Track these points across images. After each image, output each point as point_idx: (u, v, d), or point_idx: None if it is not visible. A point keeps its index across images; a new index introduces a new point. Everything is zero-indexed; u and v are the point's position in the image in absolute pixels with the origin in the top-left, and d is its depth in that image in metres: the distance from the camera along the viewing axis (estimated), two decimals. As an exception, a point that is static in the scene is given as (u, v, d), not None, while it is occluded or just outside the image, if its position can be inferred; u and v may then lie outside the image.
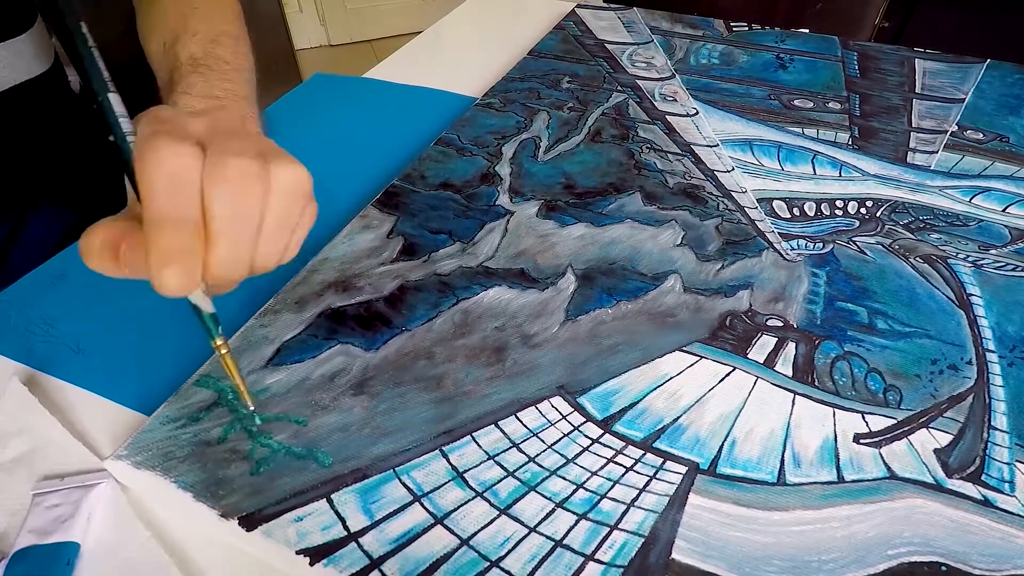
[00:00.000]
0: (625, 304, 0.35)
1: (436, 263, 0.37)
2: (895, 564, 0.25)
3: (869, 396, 0.30)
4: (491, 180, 0.44)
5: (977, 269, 0.37)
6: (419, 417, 0.30)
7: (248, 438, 0.29)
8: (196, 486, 0.27)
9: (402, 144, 0.49)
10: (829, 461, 0.28)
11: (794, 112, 0.50)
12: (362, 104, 0.55)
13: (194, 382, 0.31)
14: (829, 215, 0.41)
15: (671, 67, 0.56)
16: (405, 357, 0.32)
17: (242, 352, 0.32)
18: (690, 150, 0.46)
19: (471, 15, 0.69)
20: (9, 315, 0.36)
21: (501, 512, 0.26)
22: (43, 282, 0.38)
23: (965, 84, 0.52)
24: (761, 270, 0.37)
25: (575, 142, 0.47)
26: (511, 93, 0.53)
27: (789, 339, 0.33)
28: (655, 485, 0.27)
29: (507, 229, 0.40)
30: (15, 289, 0.38)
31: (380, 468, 0.28)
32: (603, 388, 0.31)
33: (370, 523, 0.26)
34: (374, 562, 0.24)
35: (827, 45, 0.58)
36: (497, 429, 0.29)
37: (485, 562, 0.25)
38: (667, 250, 0.38)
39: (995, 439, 0.29)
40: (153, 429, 0.29)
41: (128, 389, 0.32)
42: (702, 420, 0.30)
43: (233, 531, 0.26)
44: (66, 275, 0.39)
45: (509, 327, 0.34)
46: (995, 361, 0.32)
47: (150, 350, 0.34)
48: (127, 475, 0.28)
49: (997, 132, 0.47)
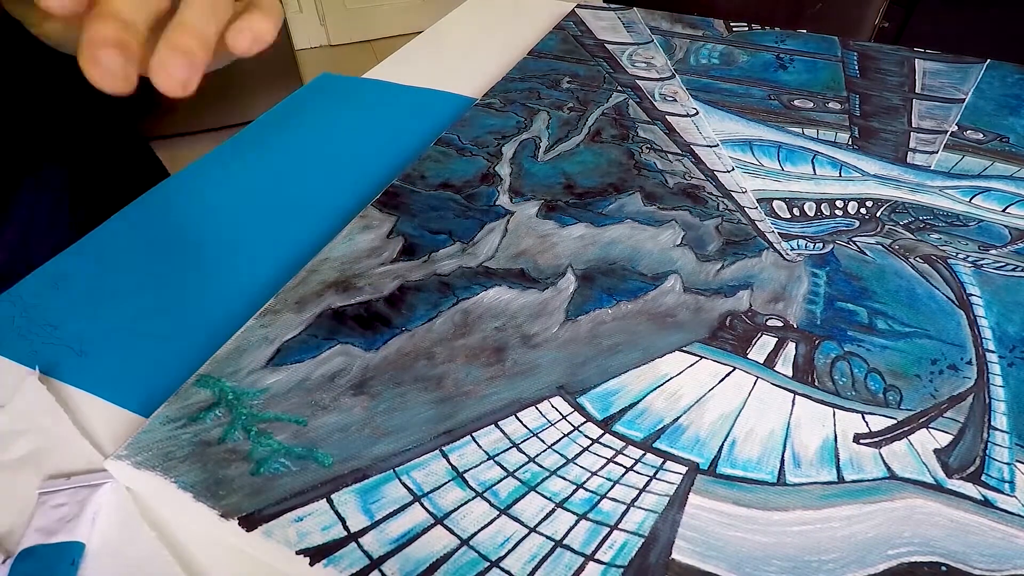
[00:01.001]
0: (625, 304, 0.35)
1: (436, 263, 0.37)
2: (895, 564, 0.25)
3: (869, 396, 0.31)
4: (491, 180, 0.44)
5: (977, 269, 0.37)
6: (419, 417, 0.30)
7: (248, 438, 0.29)
8: (196, 486, 0.27)
9: (402, 144, 0.49)
10: (829, 461, 0.28)
11: (794, 112, 0.50)
12: (363, 104, 0.55)
13: (194, 382, 0.31)
14: (829, 215, 0.41)
15: (671, 67, 0.56)
16: (405, 357, 0.32)
17: (242, 352, 0.32)
18: (690, 150, 0.47)
19: (471, 15, 0.69)
20: (12, 317, 0.36)
21: (501, 512, 0.26)
22: (45, 283, 0.38)
23: (965, 84, 0.52)
24: (761, 270, 0.37)
25: (575, 142, 0.47)
26: (511, 93, 0.53)
27: (789, 339, 0.33)
28: (655, 485, 0.27)
29: (507, 229, 0.40)
30: (17, 290, 0.38)
31: (380, 468, 0.28)
32: (603, 388, 0.31)
33: (370, 523, 0.26)
34: (374, 562, 0.25)
35: (827, 45, 0.58)
36: (497, 429, 0.29)
37: (485, 562, 0.25)
38: (667, 250, 0.38)
39: (995, 439, 0.29)
40: (153, 429, 0.29)
41: (130, 391, 0.32)
42: (702, 420, 0.30)
43: (233, 531, 0.26)
44: (68, 276, 0.39)
45: (509, 327, 0.34)
46: (995, 361, 0.32)
47: (152, 352, 0.34)
48: (127, 475, 0.28)
49: (997, 132, 0.47)
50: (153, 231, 0.42)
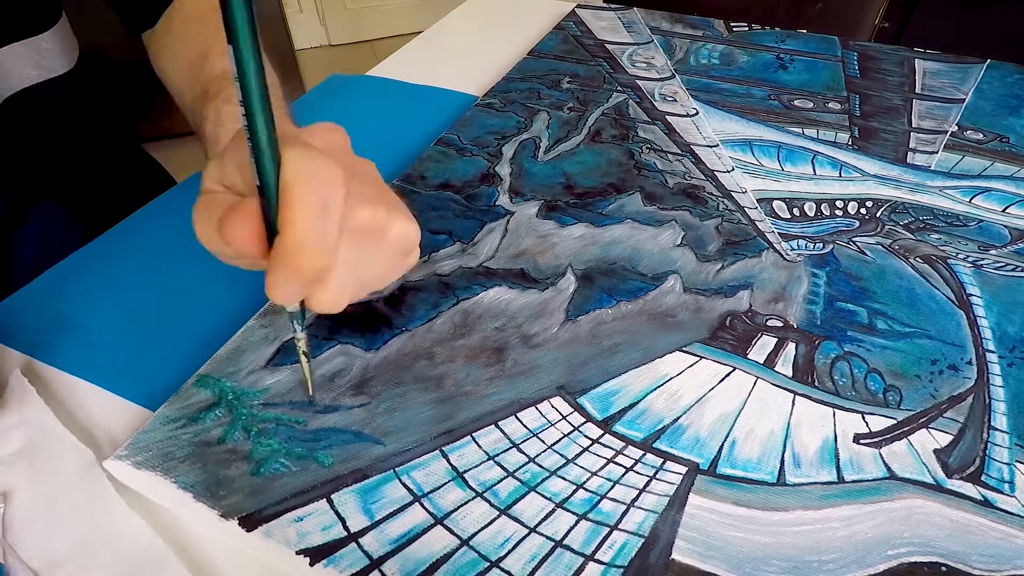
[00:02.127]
0: (625, 304, 0.35)
1: (436, 263, 0.37)
2: (895, 564, 0.25)
3: (869, 396, 0.31)
4: (491, 180, 0.44)
5: (977, 269, 0.37)
6: (419, 417, 0.30)
7: (248, 438, 0.29)
8: (196, 486, 0.27)
9: (402, 144, 0.49)
10: (829, 461, 0.28)
11: (794, 112, 0.50)
12: (365, 104, 0.55)
13: (194, 382, 0.31)
14: (829, 215, 0.41)
15: (671, 67, 0.56)
16: (405, 357, 0.32)
17: (242, 352, 0.32)
18: (690, 150, 0.47)
19: (471, 15, 0.69)
20: (26, 311, 0.37)
21: (501, 512, 0.26)
22: (56, 280, 0.39)
23: (965, 84, 0.52)
24: (761, 270, 0.37)
25: (575, 142, 0.47)
26: (511, 93, 0.53)
27: (789, 339, 0.33)
28: (655, 485, 0.27)
29: (507, 229, 0.40)
30: (31, 287, 0.39)
31: (380, 468, 0.28)
32: (603, 388, 0.31)
33: (370, 523, 0.26)
34: (374, 562, 0.25)
35: (827, 45, 0.58)
36: (497, 429, 0.29)
37: (485, 562, 0.25)
38: (667, 250, 0.38)
39: (995, 439, 0.29)
40: (153, 429, 0.29)
41: (134, 384, 0.33)
42: (702, 420, 0.30)
43: (233, 532, 0.26)
44: (78, 274, 0.39)
45: (509, 327, 0.34)
46: (995, 361, 0.32)
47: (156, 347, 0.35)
48: (128, 475, 0.28)
49: (997, 132, 0.47)
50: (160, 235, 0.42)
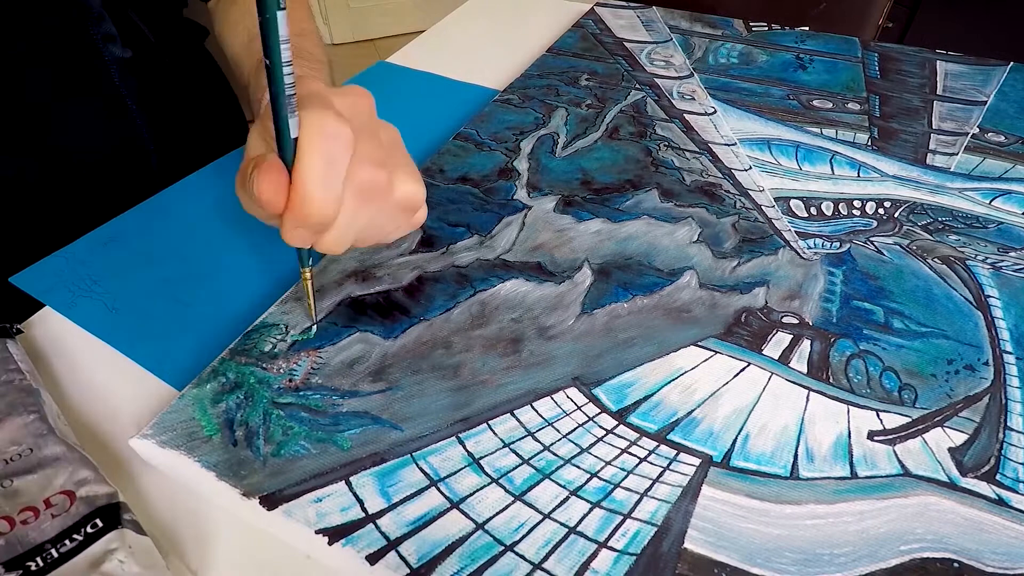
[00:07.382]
0: (641, 299, 0.35)
1: (454, 255, 0.38)
2: (907, 560, 0.25)
3: (884, 394, 0.31)
4: (509, 175, 0.44)
5: (996, 271, 0.37)
6: (436, 404, 0.30)
7: (270, 421, 0.29)
8: (219, 466, 0.28)
9: (422, 137, 0.50)
10: (843, 457, 0.28)
11: (813, 112, 0.50)
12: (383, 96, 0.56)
13: (216, 365, 0.32)
14: (847, 215, 0.41)
15: (690, 66, 0.56)
16: (423, 346, 0.33)
17: (264, 337, 0.33)
18: (708, 148, 0.47)
19: (485, 12, 0.70)
20: (63, 270, 0.39)
21: (516, 498, 0.27)
22: (97, 242, 0.41)
23: (987, 86, 0.52)
24: (777, 268, 0.37)
25: (593, 139, 0.48)
26: (530, 89, 0.53)
27: (804, 336, 0.33)
28: (668, 476, 0.27)
29: (524, 223, 0.40)
30: (72, 247, 0.40)
31: (397, 453, 0.28)
32: (618, 380, 0.31)
33: (387, 505, 0.26)
34: (391, 543, 0.25)
35: (847, 46, 0.58)
36: (513, 418, 0.30)
37: (500, 546, 0.25)
38: (683, 247, 0.39)
39: (1011, 439, 0.29)
40: (177, 410, 0.30)
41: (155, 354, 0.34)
42: (716, 414, 0.30)
43: (255, 510, 0.26)
44: (118, 238, 0.41)
45: (526, 319, 0.34)
46: (1012, 363, 0.32)
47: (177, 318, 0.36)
48: (152, 453, 0.29)
49: (1019, 135, 0.47)
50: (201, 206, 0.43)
